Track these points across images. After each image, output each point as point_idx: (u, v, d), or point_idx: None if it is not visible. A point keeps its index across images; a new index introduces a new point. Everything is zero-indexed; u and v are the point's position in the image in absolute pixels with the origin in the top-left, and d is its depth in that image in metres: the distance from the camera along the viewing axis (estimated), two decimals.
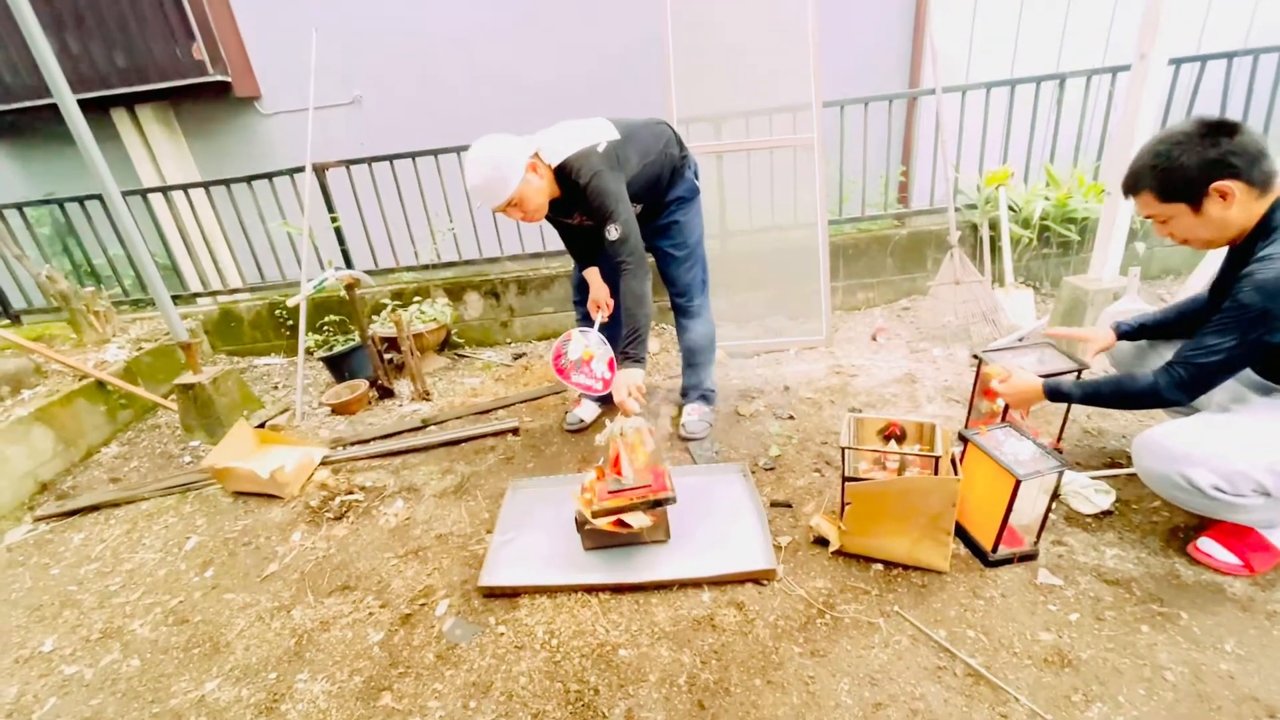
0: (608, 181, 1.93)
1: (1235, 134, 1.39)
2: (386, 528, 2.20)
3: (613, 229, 1.94)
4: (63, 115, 2.51)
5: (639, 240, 1.99)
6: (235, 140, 4.71)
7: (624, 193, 1.98)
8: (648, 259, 2.05)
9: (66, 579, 2.16)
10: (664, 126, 2.27)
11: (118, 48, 4.17)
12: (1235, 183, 1.40)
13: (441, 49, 4.32)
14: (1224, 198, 1.42)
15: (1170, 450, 1.50)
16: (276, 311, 3.81)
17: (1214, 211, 1.44)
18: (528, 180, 1.93)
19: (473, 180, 1.92)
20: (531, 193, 1.95)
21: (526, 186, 1.93)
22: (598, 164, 1.94)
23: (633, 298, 2.01)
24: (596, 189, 1.93)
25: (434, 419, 2.91)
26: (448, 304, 3.58)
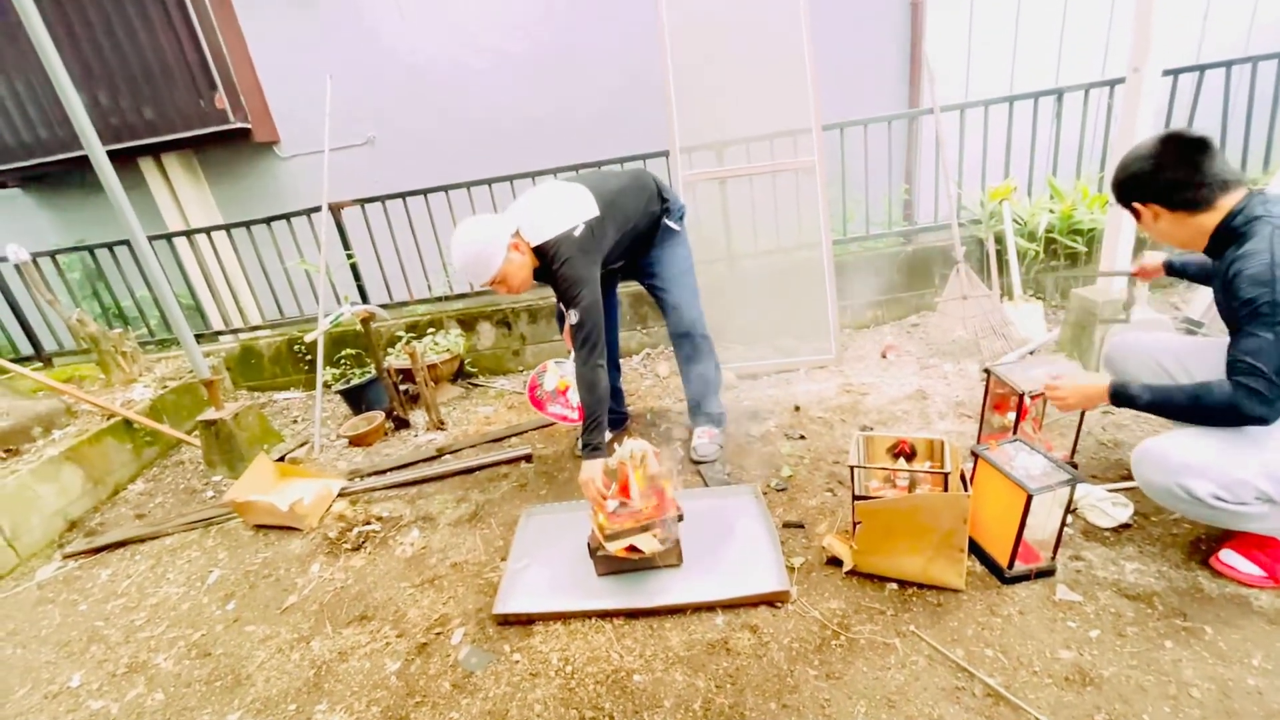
0: (579, 269, 2.01)
1: (1179, 154, 1.44)
2: (403, 557, 2.22)
3: (574, 314, 2.01)
4: (93, 166, 2.64)
5: (598, 327, 2.03)
6: (255, 183, 4.89)
7: (594, 276, 2.05)
8: (603, 347, 2.08)
9: (94, 615, 2.20)
10: (647, 179, 2.34)
11: (145, 100, 4.37)
12: (1151, 206, 1.47)
13: (449, 90, 4.47)
14: (1155, 216, 1.51)
15: (1168, 460, 1.49)
16: (295, 347, 3.90)
17: (1149, 223, 1.53)
18: (510, 259, 2.00)
19: (458, 261, 2.01)
20: (514, 270, 2.02)
21: (509, 265, 2.00)
22: (572, 250, 2.01)
23: (584, 383, 2.05)
24: (566, 275, 2.00)
25: (448, 448, 2.95)
26: (460, 334, 3.65)
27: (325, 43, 4.40)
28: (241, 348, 3.97)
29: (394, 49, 4.39)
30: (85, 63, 4.29)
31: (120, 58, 4.30)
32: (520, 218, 2.08)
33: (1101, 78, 3.38)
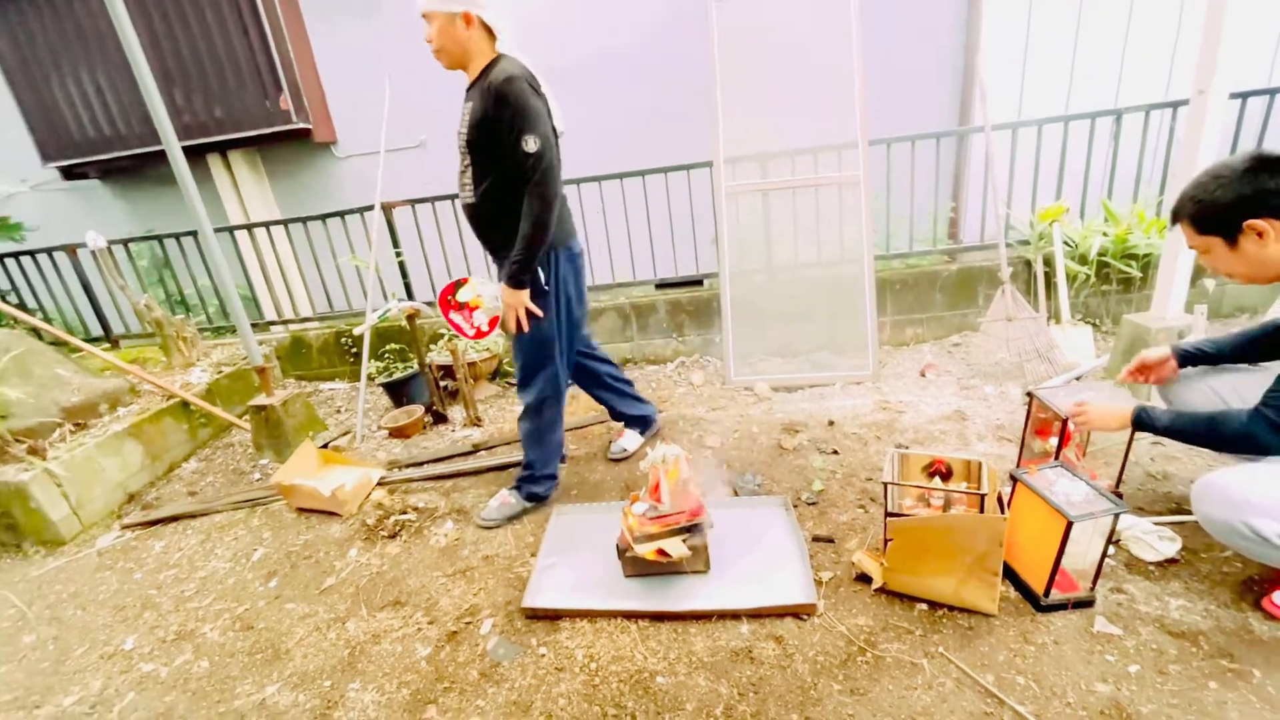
0: (533, 100, 1.80)
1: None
2: (437, 547, 2.29)
3: (531, 140, 1.79)
4: (168, 161, 2.80)
5: (556, 163, 1.87)
6: (312, 181, 5.09)
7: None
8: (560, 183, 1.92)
9: (147, 583, 2.33)
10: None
11: (216, 100, 4.61)
12: (1271, 221, 1.38)
13: None
14: (1260, 235, 1.40)
15: (1230, 496, 1.44)
16: (342, 339, 4.05)
17: (1250, 248, 1.43)
18: (456, 24, 1.83)
19: None
20: (454, 36, 1.85)
21: (454, 26, 1.83)
22: (531, 91, 1.82)
23: (531, 220, 1.87)
24: (518, 94, 1.77)
25: (484, 444, 3.02)
26: (500, 334, 3.73)
27: (385, 49, 4.57)
28: (292, 338, 4.14)
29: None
30: (165, 64, 4.55)
31: (196, 60, 4.55)
32: (502, 24, 1.89)
33: (1164, 99, 3.29)
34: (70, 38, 4.69)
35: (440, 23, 1.84)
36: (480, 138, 1.88)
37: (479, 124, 1.86)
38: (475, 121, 1.87)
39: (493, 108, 1.80)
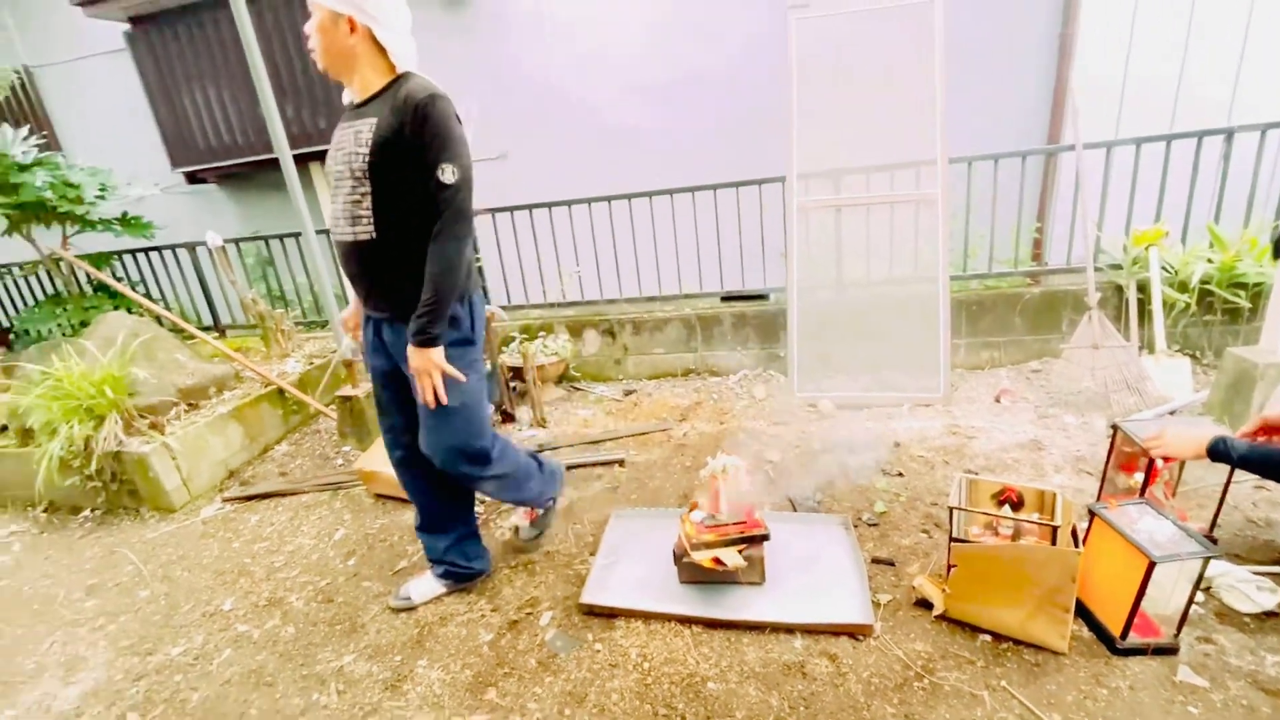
0: (457, 129, 1.58)
1: None
2: (501, 539, 2.39)
3: (450, 171, 1.54)
4: (277, 167, 3.08)
5: (471, 197, 1.61)
6: None
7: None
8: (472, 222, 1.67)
9: (243, 552, 2.55)
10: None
11: (319, 113, 5.01)
12: None
13: (576, 110, 4.76)
14: None
15: None
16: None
17: None
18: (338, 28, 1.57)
19: None
20: (324, 34, 1.59)
21: (335, 28, 1.57)
22: (451, 110, 1.58)
23: (444, 262, 1.58)
24: (443, 125, 1.54)
25: (549, 445, 3.13)
26: (568, 340, 3.86)
27: (472, 66, 4.83)
28: None
29: (531, 73, 4.75)
30: (280, 81, 4.98)
31: (306, 77, 4.96)
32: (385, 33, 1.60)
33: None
34: (202, 60, 5.21)
35: (322, 19, 1.58)
36: (386, 159, 1.56)
37: (386, 143, 1.55)
38: (382, 141, 1.55)
39: (410, 126, 1.53)
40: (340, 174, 1.63)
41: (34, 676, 1.99)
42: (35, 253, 4.39)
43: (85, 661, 2.03)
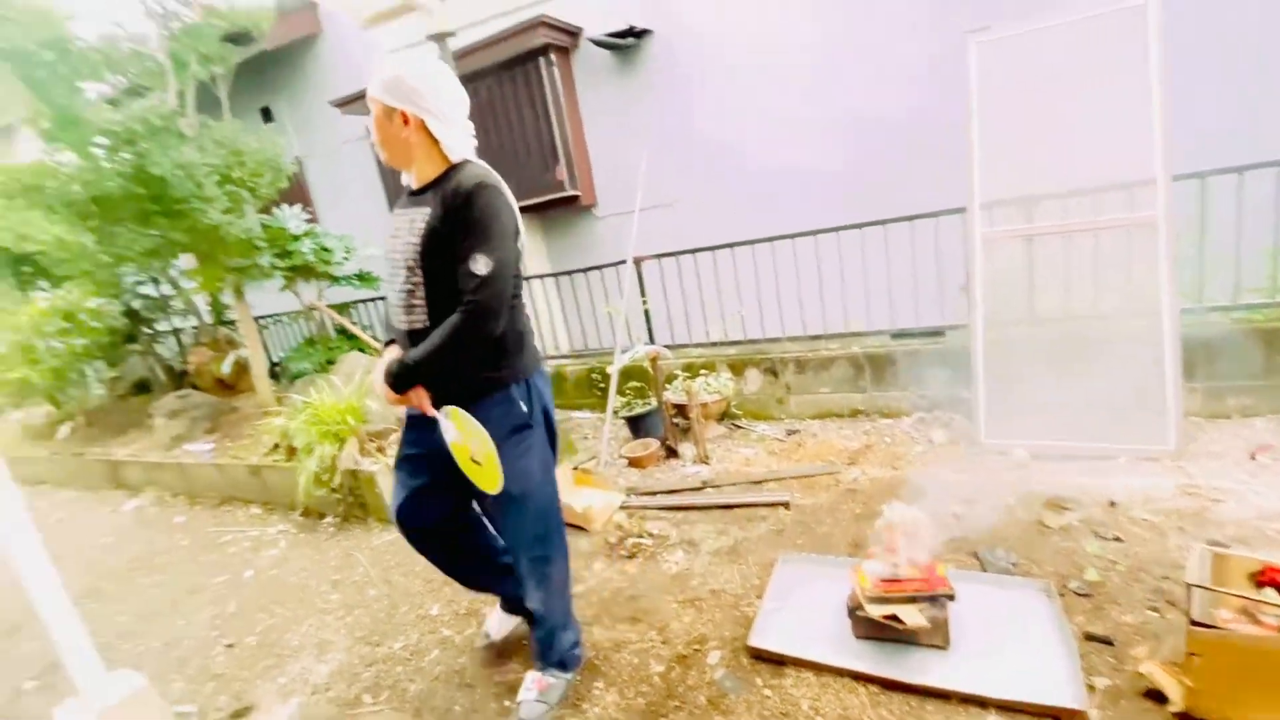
0: (506, 216, 1.56)
1: None
2: (668, 574, 2.48)
3: (484, 261, 1.48)
4: None
5: (508, 290, 1.54)
6: (576, 238, 5.95)
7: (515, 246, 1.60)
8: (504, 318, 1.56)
9: None
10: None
11: (514, 176, 5.67)
12: None
13: (740, 156, 4.89)
14: None
15: None
16: (593, 375, 4.61)
17: None
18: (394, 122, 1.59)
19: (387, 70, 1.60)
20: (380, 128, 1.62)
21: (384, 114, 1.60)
22: (503, 203, 1.57)
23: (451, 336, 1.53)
24: (487, 204, 1.51)
25: (712, 482, 3.18)
26: (730, 378, 3.92)
27: (643, 120, 5.21)
28: (554, 372, 4.84)
29: (699, 121, 4.99)
30: (491, 151, 5.77)
31: (506, 146, 5.68)
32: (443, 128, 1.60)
33: None
34: None
35: (379, 113, 1.61)
36: (433, 249, 1.55)
37: (434, 233, 1.54)
38: (430, 230, 1.55)
39: (455, 214, 1.52)
40: (395, 263, 1.64)
41: (296, 652, 2.44)
42: (298, 304, 5.49)
43: (332, 645, 2.44)
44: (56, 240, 4.99)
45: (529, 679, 1.90)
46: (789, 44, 4.59)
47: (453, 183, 1.56)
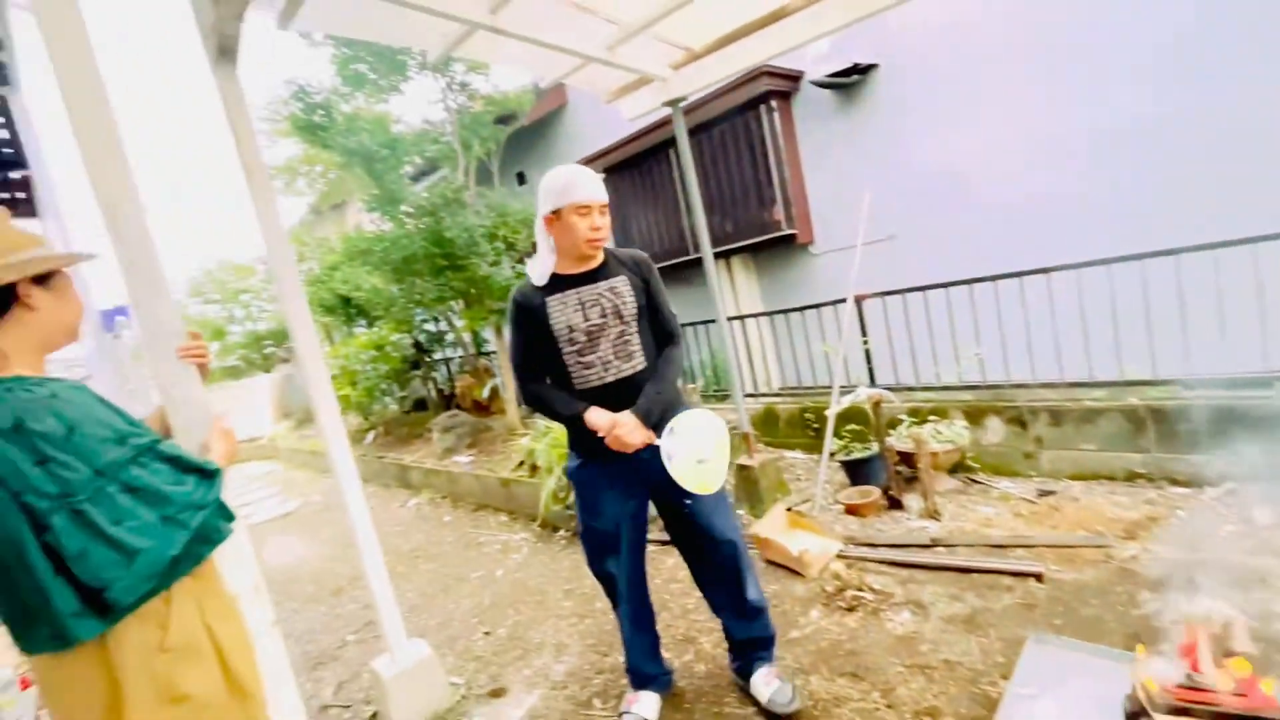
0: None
1: None
2: (893, 633, 2.32)
3: (668, 306, 2.02)
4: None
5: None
6: (791, 276, 5.95)
7: None
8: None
9: (662, 589, 3.05)
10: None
11: (729, 217, 5.94)
12: None
13: (979, 189, 4.49)
14: None
15: None
16: (806, 414, 4.53)
17: None
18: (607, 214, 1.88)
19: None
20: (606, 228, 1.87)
21: (602, 215, 1.86)
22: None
23: (676, 369, 2.00)
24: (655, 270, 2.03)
25: (943, 540, 2.91)
26: (965, 426, 3.56)
27: (864, 156, 5.09)
28: (765, 409, 4.86)
29: (928, 156, 4.72)
30: (709, 197, 6.13)
31: (723, 190, 5.97)
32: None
33: None
34: (639, 193, 6.80)
35: (601, 208, 1.87)
36: (645, 304, 1.96)
37: (641, 292, 1.95)
38: (639, 290, 1.94)
39: (648, 278, 1.99)
40: (601, 324, 1.87)
41: (538, 649, 2.78)
42: None
43: (567, 648, 2.73)
44: (373, 289, 6.44)
45: (762, 674, 2.08)
46: (1056, 49, 4.12)
47: (622, 257, 1.99)
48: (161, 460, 1.24)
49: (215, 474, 1.31)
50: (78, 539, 1.11)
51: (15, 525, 1.10)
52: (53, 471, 1.11)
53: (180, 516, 1.20)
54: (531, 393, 1.96)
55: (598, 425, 1.83)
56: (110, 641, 1.18)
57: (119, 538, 1.12)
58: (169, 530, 1.18)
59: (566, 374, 1.91)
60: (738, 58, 3.17)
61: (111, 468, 1.16)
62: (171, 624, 1.23)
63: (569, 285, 1.90)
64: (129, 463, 1.18)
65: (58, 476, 1.11)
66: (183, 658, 1.24)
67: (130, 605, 1.17)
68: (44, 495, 1.10)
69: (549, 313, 1.87)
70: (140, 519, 1.16)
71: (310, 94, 5.22)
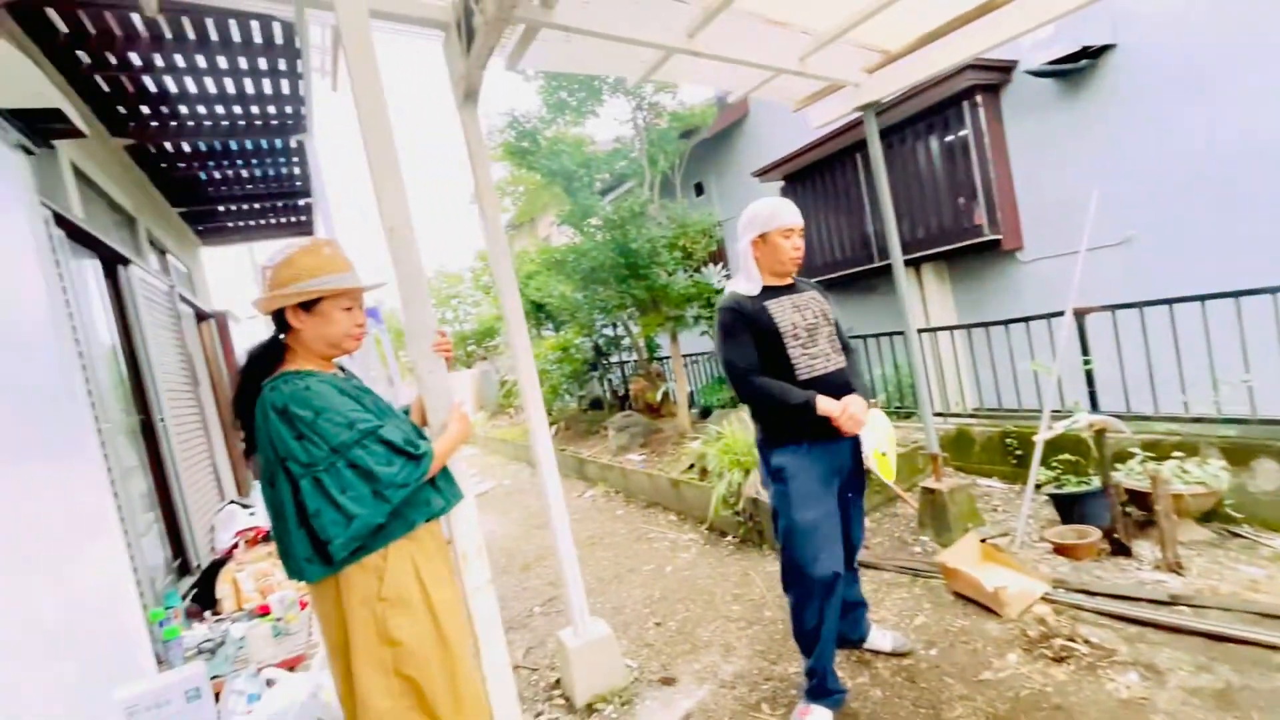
0: None
1: None
2: (1115, 696, 2.03)
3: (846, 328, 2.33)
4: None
5: None
6: (992, 286, 5.38)
7: None
8: None
9: None
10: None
11: (920, 223, 5.55)
12: None
13: (1238, 182, 3.70)
14: None
15: None
16: (1007, 440, 4.08)
17: None
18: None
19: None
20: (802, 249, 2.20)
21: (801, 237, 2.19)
22: None
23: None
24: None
25: (1186, 599, 2.46)
26: (1224, 467, 2.96)
27: (1089, 160, 4.45)
28: (956, 430, 4.46)
29: (1172, 152, 4.00)
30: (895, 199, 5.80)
31: (912, 194, 5.60)
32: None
33: None
34: (823, 199, 6.61)
35: (800, 231, 2.20)
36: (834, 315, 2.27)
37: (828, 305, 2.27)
38: (826, 302, 2.27)
39: (828, 296, 2.31)
40: (815, 323, 2.17)
41: (707, 646, 2.85)
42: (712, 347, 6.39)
43: (735, 650, 2.77)
44: (561, 296, 7.03)
45: (876, 634, 2.51)
46: None
47: (801, 281, 2.30)
48: (379, 444, 1.50)
49: (422, 457, 1.55)
50: (315, 500, 1.42)
51: (282, 484, 1.47)
52: (305, 446, 1.44)
53: (385, 492, 1.46)
54: (754, 385, 2.08)
55: (830, 408, 2.01)
56: (341, 583, 1.50)
57: (343, 504, 1.42)
58: (377, 503, 1.45)
59: (789, 367, 2.09)
60: (940, 56, 2.99)
61: (342, 447, 1.45)
62: (387, 577, 1.51)
63: (779, 293, 2.19)
64: (355, 444, 1.46)
65: (307, 450, 1.44)
66: (396, 608, 1.51)
67: (344, 560, 1.47)
68: (298, 463, 1.44)
69: (772, 314, 2.11)
70: (359, 491, 1.44)
71: (521, 123, 5.88)
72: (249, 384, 1.56)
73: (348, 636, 1.51)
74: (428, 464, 1.57)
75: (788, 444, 2.11)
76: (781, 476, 2.11)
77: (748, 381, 2.09)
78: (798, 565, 2.10)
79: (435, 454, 1.61)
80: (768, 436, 2.18)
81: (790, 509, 2.09)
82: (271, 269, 1.58)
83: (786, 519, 2.11)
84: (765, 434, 2.20)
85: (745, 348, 2.10)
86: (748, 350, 2.10)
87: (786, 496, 2.10)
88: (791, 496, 2.09)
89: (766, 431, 2.19)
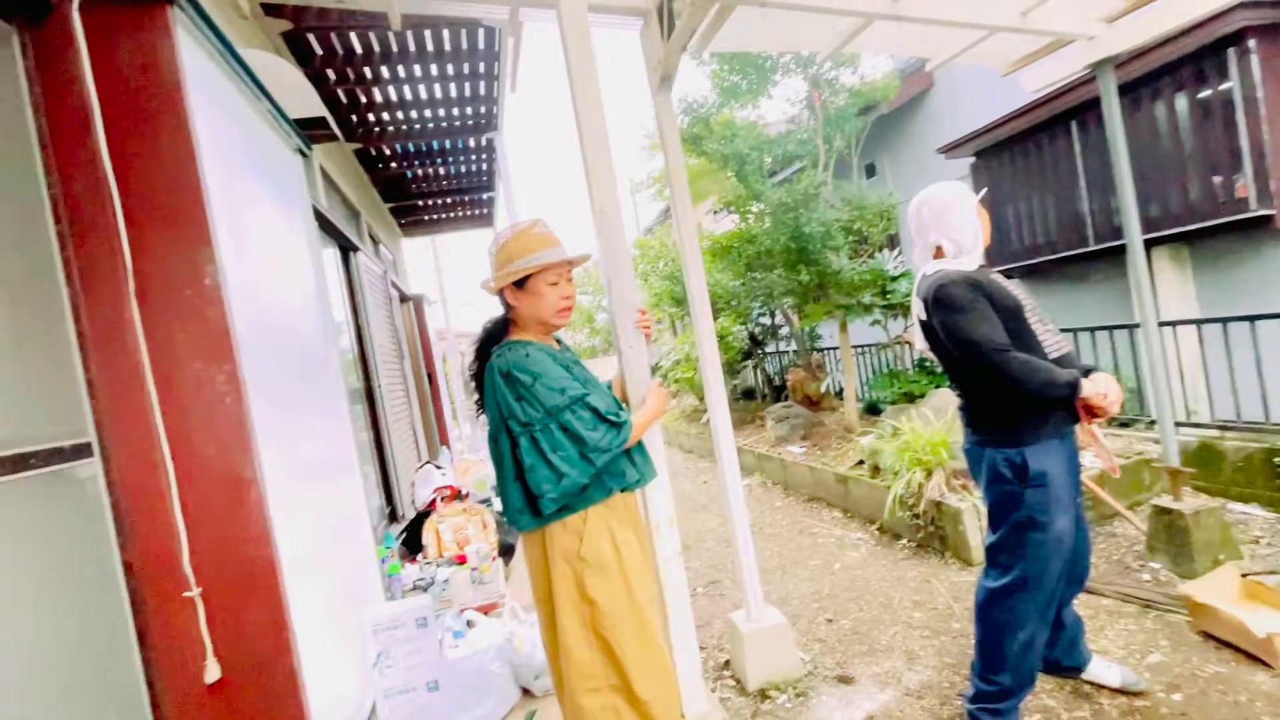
0: None
1: None
2: None
3: None
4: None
5: None
6: (1253, 274, 4.43)
7: None
8: None
9: None
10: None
11: (1153, 199, 4.70)
12: None
13: None
14: None
15: None
16: (1273, 458, 3.35)
17: None
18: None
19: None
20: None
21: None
22: None
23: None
24: None
25: None
26: None
27: None
28: (1198, 444, 3.75)
29: None
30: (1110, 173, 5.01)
31: (1144, 164, 4.76)
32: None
33: None
34: (1022, 176, 5.86)
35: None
36: None
37: None
38: None
39: None
40: (1035, 305, 1.95)
41: (886, 651, 2.70)
42: (884, 338, 6.00)
43: (919, 658, 2.59)
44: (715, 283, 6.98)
45: (1100, 665, 2.21)
46: None
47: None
48: (587, 410, 1.59)
49: (622, 425, 1.62)
50: (531, 456, 1.55)
51: (504, 440, 1.62)
52: (523, 407, 1.57)
53: (590, 455, 1.55)
54: (1020, 362, 1.75)
55: (1095, 387, 1.77)
56: (547, 538, 1.63)
57: (554, 462, 1.53)
58: (583, 464, 1.54)
59: (1036, 345, 1.86)
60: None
61: (555, 410, 1.55)
62: (586, 539, 1.60)
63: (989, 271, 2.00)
64: (565, 409, 1.56)
65: (526, 411, 1.57)
66: (593, 568, 1.60)
67: (551, 515, 1.59)
68: (518, 421, 1.57)
69: (1006, 288, 1.92)
70: (568, 452, 1.54)
71: (696, 109, 5.91)
72: (483, 352, 1.74)
73: (551, 587, 1.63)
74: (628, 432, 1.64)
75: (1050, 437, 1.82)
76: (1043, 479, 1.81)
77: (1011, 359, 1.75)
78: (1040, 581, 1.85)
79: (634, 425, 1.68)
80: (1020, 429, 1.83)
81: (1051, 516, 1.81)
82: (493, 255, 1.74)
83: (1043, 530, 1.82)
84: (1016, 426, 1.84)
85: (994, 323, 1.81)
86: (998, 326, 1.81)
87: (1044, 502, 1.81)
88: (1051, 503, 1.81)
89: (1017, 423, 1.84)
